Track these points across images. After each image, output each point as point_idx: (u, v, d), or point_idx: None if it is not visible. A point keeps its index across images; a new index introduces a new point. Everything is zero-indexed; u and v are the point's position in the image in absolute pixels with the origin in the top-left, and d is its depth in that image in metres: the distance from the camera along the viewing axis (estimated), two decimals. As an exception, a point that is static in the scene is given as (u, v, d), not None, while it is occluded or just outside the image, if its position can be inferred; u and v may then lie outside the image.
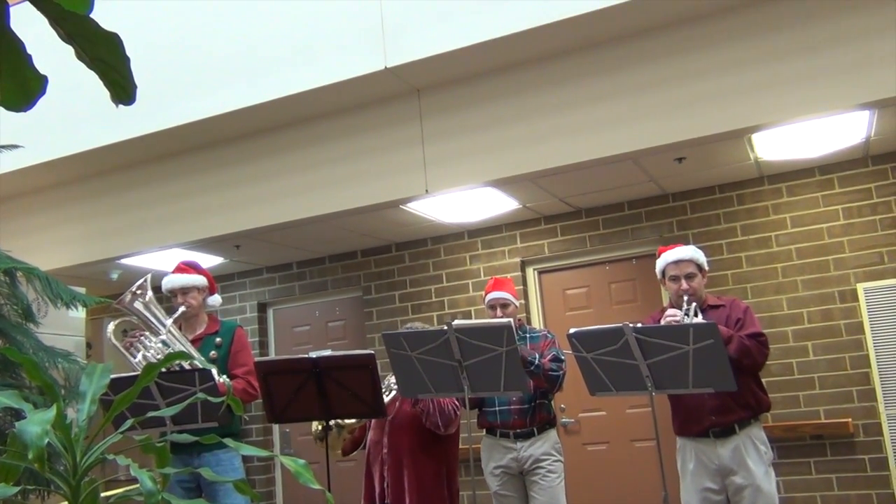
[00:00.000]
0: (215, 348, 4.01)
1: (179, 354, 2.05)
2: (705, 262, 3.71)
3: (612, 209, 5.69)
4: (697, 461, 3.52)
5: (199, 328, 4.15)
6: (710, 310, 3.63)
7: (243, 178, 5.24)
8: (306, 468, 1.86)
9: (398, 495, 3.69)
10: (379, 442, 3.82)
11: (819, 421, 4.92)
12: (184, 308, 4.05)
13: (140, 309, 4.01)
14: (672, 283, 3.64)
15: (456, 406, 3.78)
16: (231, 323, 4.25)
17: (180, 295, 4.08)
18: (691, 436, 3.55)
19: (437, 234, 6.15)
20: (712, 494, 3.48)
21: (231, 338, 4.07)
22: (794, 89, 3.89)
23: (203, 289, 4.15)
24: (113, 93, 1.32)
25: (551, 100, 4.40)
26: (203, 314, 4.20)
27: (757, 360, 3.46)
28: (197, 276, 4.14)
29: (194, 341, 4.07)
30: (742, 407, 3.47)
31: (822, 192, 5.12)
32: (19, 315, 4.22)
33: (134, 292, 4.04)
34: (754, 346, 3.42)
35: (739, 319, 3.55)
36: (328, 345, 6.47)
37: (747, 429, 3.47)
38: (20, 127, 4.55)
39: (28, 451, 1.40)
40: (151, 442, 1.88)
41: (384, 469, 3.75)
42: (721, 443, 3.46)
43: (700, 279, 3.65)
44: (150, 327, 3.99)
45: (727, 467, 3.44)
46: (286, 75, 4.69)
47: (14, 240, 4.80)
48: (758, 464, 3.42)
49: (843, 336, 4.94)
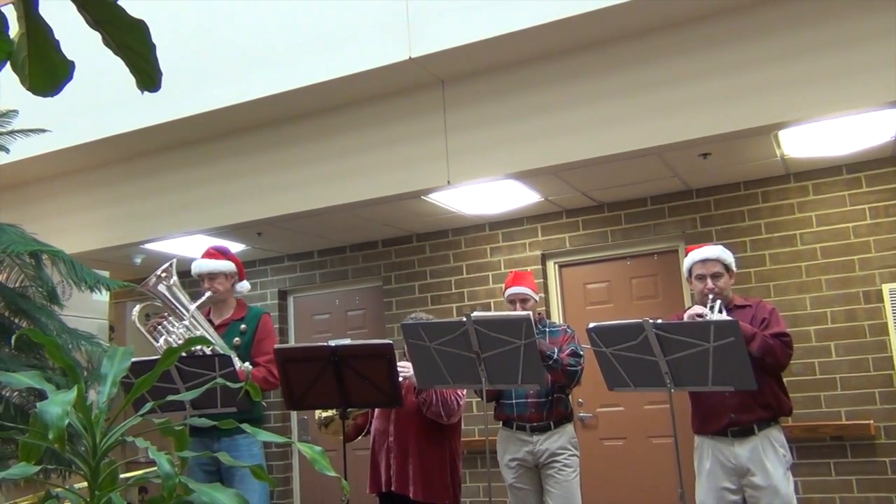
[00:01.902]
0: (240, 335, 4.02)
1: (199, 339, 2.06)
2: (733, 262, 3.68)
3: (634, 204, 5.66)
4: (714, 460, 3.49)
5: (226, 313, 4.16)
6: (736, 310, 3.60)
7: (266, 165, 5.27)
8: (322, 455, 1.87)
9: (403, 483, 3.72)
10: (385, 431, 3.85)
11: (840, 422, 4.86)
12: (210, 293, 4.07)
13: (164, 293, 4.03)
14: (698, 281, 3.62)
15: (459, 397, 3.80)
16: (258, 310, 4.24)
17: (207, 280, 4.10)
18: (709, 434, 3.53)
19: (458, 226, 6.14)
20: (728, 494, 3.46)
21: (256, 325, 4.07)
22: (821, 86, 3.84)
23: (231, 275, 4.15)
24: (139, 79, 1.33)
25: (576, 92, 4.37)
26: (231, 299, 4.20)
27: (780, 359, 3.43)
28: (225, 262, 4.14)
29: (220, 326, 4.08)
30: (763, 407, 3.44)
31: (849, 190, 5.05)
32: (44, 297, 4.27)
33: (159, 276, 4.06)
34: (778, 346, 3.40)
35: (765, 319, 3.53)
36: (347, 334, 6.50)
37: (767, 430, 3.45)
38: (48, 112, 4.60)
39: (49, 431, 1.42)
40: (170, 425, 1.90)
41: (390, 457, 3.78)
42: (739, 442, 3.44)
43: (727, 279, 3.62)
44: (174, 311, 4.01)
45: (744, 467, 3.42)
46: (311, 64, 4.70)
47: (40, 222, 4.86)
48: (776, 465, 3.39)
49: (867, 337, 4.88)
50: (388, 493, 3.77)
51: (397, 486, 3.73)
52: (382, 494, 3.83)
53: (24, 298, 4.23)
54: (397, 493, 3.73)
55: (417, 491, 3.69)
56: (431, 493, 3.71)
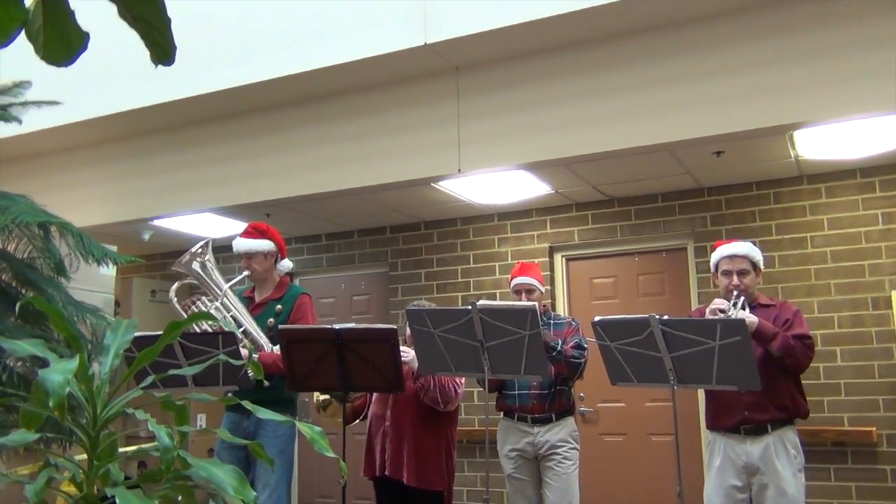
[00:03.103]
0: (275, 315, 3.94)
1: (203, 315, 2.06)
2: (761, 260, 3.65)
3: (645, 200, 5.63)
4: (725, 457, 3.47)
5: (266, 292, 4.07)
6: (760, 308, 3.57)
7: (276, 147, 5.26)
8: (322, 436, 1.87)
9: (397, 468, 3.73)
10: (382, 415, 3.85)
11: (842, 428, 4.84)
12: (246, 272, 4.00)
13: (198, 270, 3.97)
14: (724, 277, 3.59)
15: (457, 385, 3.79)
16: (297, 290, 4.12)
17: (245, 259, 4.01)
18: (722, 430, 3.51)
19: (466, 215, 6.13)
20: (736, 492, 3.44)
21: (292, 305, 3.97)
22: (838, 88, 3.80)
23: (270, 253, 4.04)
24: (153, 53, 1.32)
25: (591, 85, 4.34)
26: (273, 277, 4.09)
27: (800, 360, 3.41)
28: (262, 241, 4.02)
29: (259, 306, 4.01)
30: (778, 408, 3.41)
31: (862, 194, 5.01)
32: (51, 269, 4.27)
33: (193, 253, 4.00)
34: (799, 347, 3.38)
35: (788, 320, 3.50)
36: (352, 318, 6.50)
37: (780, 430, 3.42)
38: (61, 84, 4.59)
39: (49, 398, 1.42)
40: (171, 399, 1.90)
41: (385, 441, 3.78)
42: (752, 440, 3.42)
43: (753, 277, 3.59)
44: (208, 290, 3.97)
45: (754, 465, 3.40)
46: (325, 46, 4.68)
47: (49, 195, 4.84)
48: (786, 466, 3.37)
49: (874, 343, 4.85)
50: (382, 478, 3.78)
51: (391, 471, 3.73)
52: (376, 479, 3.84)
53: (32, 269, 4.23)
54: (391, 478, 3.74)
55: (411, 476, 3.69)
56: (425, 480, 3.71)
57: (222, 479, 1.65)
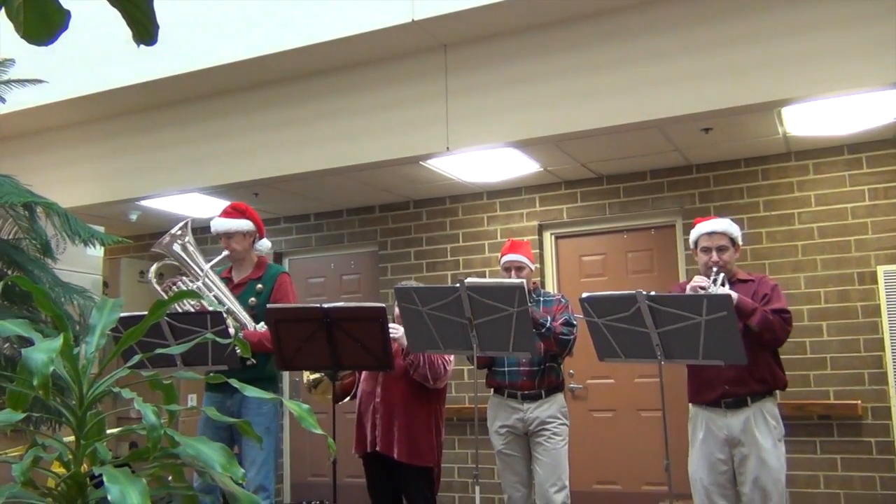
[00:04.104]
0: (256, 294, 3.95)
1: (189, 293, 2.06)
2: (740, 236, 3.68)
3: (633, 177, 5.63)
4: (707, 430, 3.52)
5: (245, 272, 4.07)
6: (738, 284, 3.60)
7: (264, 125, 5.22)
8: (310, 413, 1.88)
9: (388, 443, 3.75)
10: (372, 392, 3.87)
11: (828, 401, 4.89)
12: (226, 252, 4.01)
13: (179, 252, 3.97)
14: (703, 254, 3.62)
15: (446, 362, 3.82)
16: (277, 269, 4.14)
17: (224, 239, 4.01)
18: (703, 404, 3.55)
19: (455, 193, 6.12)
20: (720, 464, 3.49)
21: (273, 284, 3.99)
22: (826, 64, 3.80)
23: (249, 233, 4.04)
24: (135, 32, 1.30)
25: (579, 62, 4.32)
26: (251, 257, 4.10)
27: (779, 335, 3.45)
28: (242, 221, 4.03)
29: (238, 285, 4.02)
30: (757, 381, 3.46)
31: (850, 171, 5.03)
32: (38, 250, 4.25)
33: (173, 234, 4.00)
34: (777, 322, 3.41)
35: (766, 295, 3.54)
36: (341, 297, 6.50)
37: (760, 402, 3.47)
38: (46, 63, 4.54)
39: (33, 377, 1.42)
40: (159, 378, 1.90)
41: (376, 418, 3.80)
42: (732, 413, 3.46)
43: (732, 253, 3.63)
44: (189, 271, 3.97)
45: (735, 438, 3.44)
46: (311, 23, 4.64)
47: (35, 175, 4.81)
48: (766, 436, 3.42)
49: (859, 318, 4.89)
50: (373, 454, 3.80)
51: (382, 447, 3.76)
52: (367, 455, 3.86)
53: (18, 250, 4.21)
54: (381, 454, 3.76)
55: (402, 452, 3.72)
56: (415, 455, 3.74)
57: (210, 456, 1.66)
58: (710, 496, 3.49)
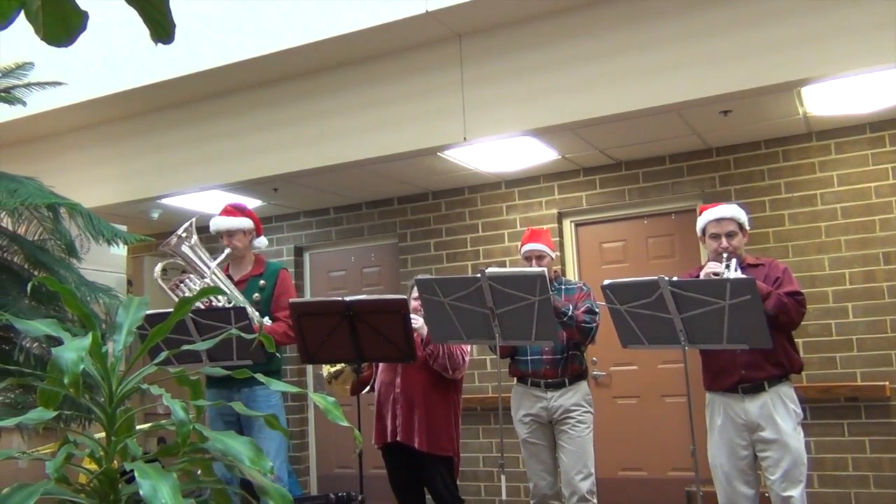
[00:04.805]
0: (259, 290, 4.07)
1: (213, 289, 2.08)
2: (747, 221, 3.66)
3: (652, 162, 5.59)
4: (725, 416, 3.50)
5: (245, 269, 4.21)
6: (749, 268, 3.59)
7: (282, 120, 5.25)
8: (336, 406, 1.89)
9: (409, 434, 3.77)
10: (391, 382, 3.89)
11: (855, 383, 4.85)
12: (229, 250, 4.12)
13: (186, 252, 4.09)
14: (712, 240, 3.60)
15: (464, 353, 3.86)
16: (276, 265, 4.28)
17: (226, 237, 4.15)
18: (720, 390, 3.53)
19: (474, 184, 6.11)
20: (740, 450, 3.47)
21: (275, 280, 4.12)
22: (846, 41, 3.75)
23: (249, 231, 4.20)
24: (152, 31, 1.32)
25: (594, 48, 4.30)
26: (250, 255, 4.25)
27: (793, 317, 3.42)
28: (243, 219, 4.18)
29: (239, 283, 4.13)
30: (773, 365, 3.44)
31: (872, 149, 4.96)
32: (62, 250, 4.30)
33: (180, 235, 4.10)
34: (792, 304, 3.39)
35: (778, 278, 3.52)
36: (363, 290, 6.53)
37: (777, 386, 3.45)
38: (64, 65, 4.58)
39: (64, 376, 1.44)
40: (185, 374, 1.92)
41: (396, 408, 3.83)
42: (750, 399, 3.44)
43: (740, 238, 3.61)
44: (195, 270, 4.06)
45: (754, 423, 3.42)
46: (326, 18, 4.65)
47: (57, 176, 4.86)
48: (786, 420, 3.40)
49: (886, 298, 4.83)
50: (394, 444, 3.83)
51: (403, 437, 3.78)
52: (387, 446, 3.88)
53: (43, 251, 4.25)
54: (403, 444, 3.78)
55: (423, 442, 3.75)
56: (436, 445, 3.77)
57: (239, 450, 1.67)
58: (731, 482, 3.48)
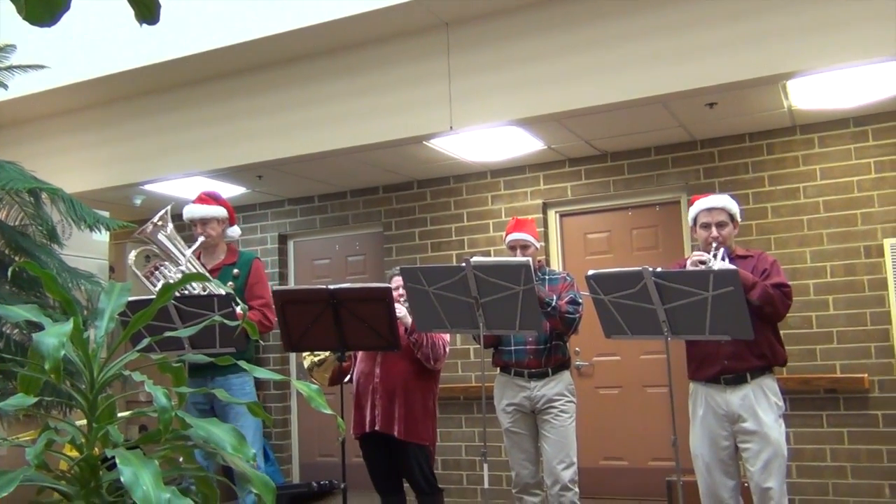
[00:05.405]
0: (233, 279, 4.07)
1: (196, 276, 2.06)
2: (738, 212, 3.67)
3: (638, 154, 5.61)
4: (707, 406, 3.52)
5: (217, 258, 4.21)
6: (738, 260, 3.60)
7: (267, 107, 5.21)
8: (319, 394, 1.89)
9: (388, 422, 3.79)
10: (370, 372, 3.90)
11: (834, 375, 4.90)
12: (203, 238, 4.11)
13: (161, 239, 4.09)
14: (703, 230, 3.62)
15: (445, 343, 3.89)
16: (249, 254, 4.30)
17: (200, 225, 4.14)
18: (703, 380, 3.55)
19: (459, 173, 6.10)
20: (721, 440, 3.49)
21: (248, 269, 4.12)
22: (832, 35, 3.77)
23: (223, 220, 4.20)
24: (137, 11, 1.30)
25: (582, 38, 4.30)
26: (222, 244, 4.25)
27: (779, 309, 3.44)
28: (217, 207, 4.18)
29: (212, 271, 4.13)
30: (757, 356, 3.45)
31: (856, 143, 5.00)
32: (44, 236, 4.25)
33: (155, 223, 4.10)
34: (777, 296, 3.40)
35: (766, 270, 3.53)
36: (347, 279, 6.51)
37: (759, 378, 3.47)
38: (47, 47, 4.53)
39: (45, 361, 1.43)
40: (168, 362, 1.91)
41: (375, 398, 3.84)
42: (731, 390, 3.46)
43: (731, 229, 3.62)
44: (170, 257, 4.06)
45: (736, 413, 3.45)
46: (314, 4, 4.62)
47: (38, 161, 4.81)
48: (767, 412, 3.42)
49: (866, 291, 4.88)
50: (372, 434, 3.84)
51: (382, 426, 3.79)
52: (365, 436, 3.89)
53: (24, 237, 4.21)
54: (380, 433, 3.79)
55: (402, 430, 3.77)
56: (415, 434, 3.80)
57: (221, 437, 1.67)
58: (712, 472, 3.50)
